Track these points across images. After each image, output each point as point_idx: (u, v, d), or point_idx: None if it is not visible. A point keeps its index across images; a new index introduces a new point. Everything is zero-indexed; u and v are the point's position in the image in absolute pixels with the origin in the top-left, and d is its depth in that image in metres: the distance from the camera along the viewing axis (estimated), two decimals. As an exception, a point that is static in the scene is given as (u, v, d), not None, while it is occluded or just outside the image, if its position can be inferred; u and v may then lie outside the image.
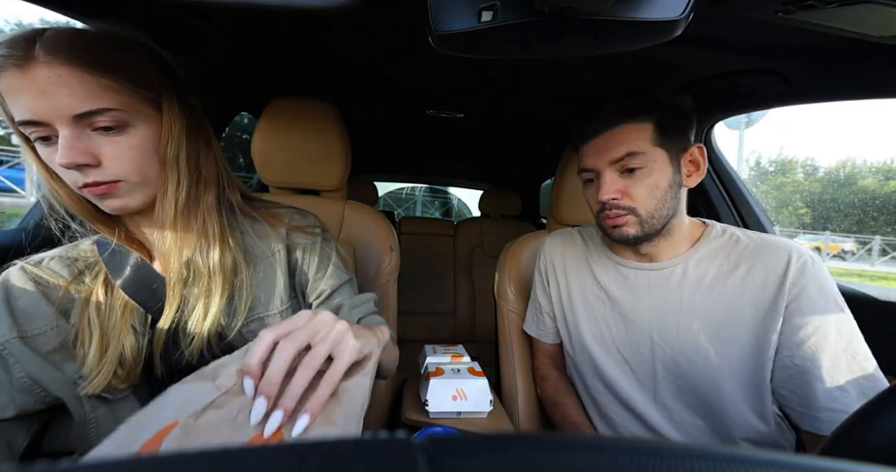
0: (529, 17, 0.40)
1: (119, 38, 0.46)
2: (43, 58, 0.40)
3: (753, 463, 0.16)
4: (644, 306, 0.69)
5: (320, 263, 0.62)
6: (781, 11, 0.49)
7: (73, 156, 0.42)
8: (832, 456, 0.28)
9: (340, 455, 0.15)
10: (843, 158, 31.27)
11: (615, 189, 0.63)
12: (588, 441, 0.18)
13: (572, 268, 0.80)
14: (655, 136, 0.62)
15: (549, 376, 0.85)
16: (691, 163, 0.65)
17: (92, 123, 0.43)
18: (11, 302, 0.48)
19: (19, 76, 0.40)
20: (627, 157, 0.62)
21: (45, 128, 0.42)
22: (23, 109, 0.41)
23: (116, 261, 0.53)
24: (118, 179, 0.46)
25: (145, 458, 0.15)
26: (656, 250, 0.69)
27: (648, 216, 0.63)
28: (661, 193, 0.62)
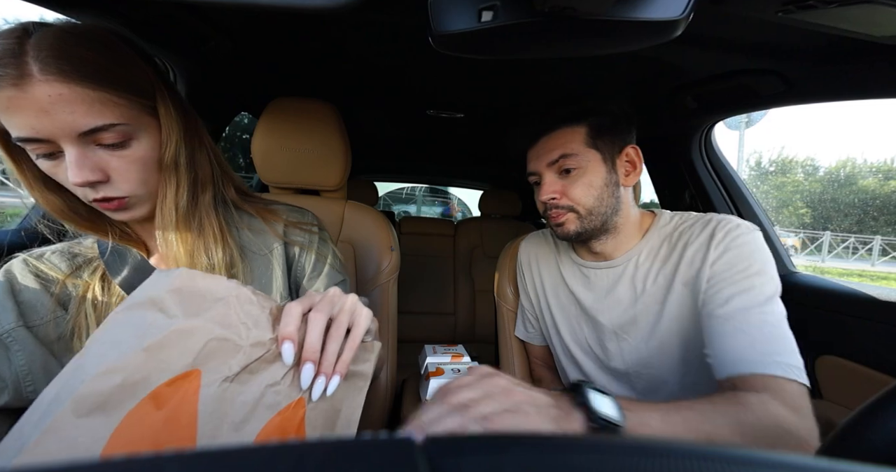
0: (529, 18, 0.40)
1: (106, 37, 0.44)
2: (39, 75, 0.39)
3: (754, 463, 0.16)
4: (605, 304, 0.72)
5: (317, 261, 0.62)
6: (781, 11, 0.49)
7: (84, 174, 0.42)
8: (832, 456, 0.28)
9: (340, 455, 0.15)
10: (843, 158, 31.24)
11: (553, 190, 0.68)
12: (588, 441, 0.18)
13: (545, 270, 0.83)
14: (588, 138, 0.67)
15: (544, 377, 0.86)
16: (628, 163, 0.69)
17: (97, 139, 0.43)
18: (15, 292, 0.48)
19: (17, 95, 0.39)
20: (562, 158, 0.67)
21: (47, 145, 0.41)
22: (23, 126, 0.40)
23: (116, 260, 0.53)
24: (127, 195, 0.46)
25: (145, 458, 0.15)
26: (607, 248, 0.72)
27: (587, 213, 0.67)
28: (596, 191, 0.66)
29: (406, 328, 1.32)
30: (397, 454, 0.16)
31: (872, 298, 0.84)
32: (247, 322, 0.35)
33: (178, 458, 0.15)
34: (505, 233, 2.01)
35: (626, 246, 0.71)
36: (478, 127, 1.46)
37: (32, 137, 0.40)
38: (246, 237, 0.58)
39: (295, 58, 0.91)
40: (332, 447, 0.16)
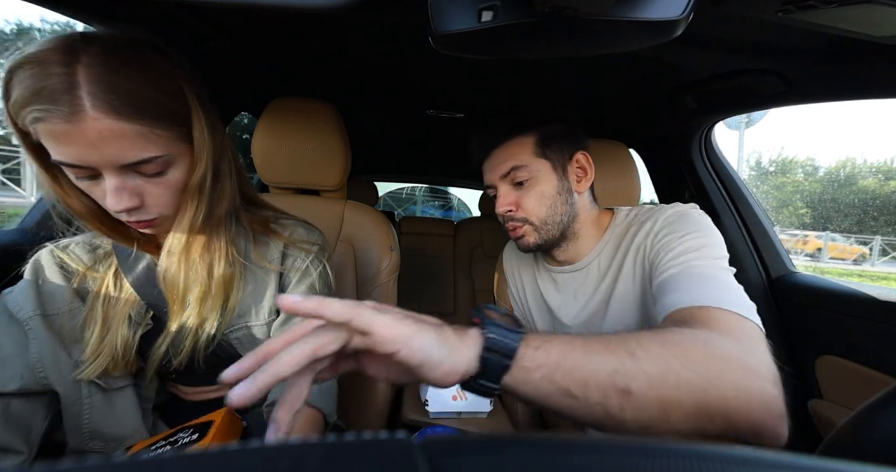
0: (529, 18, 0.40)
1: (150, 59, 0.44)
2: (91, 111, 0.39)
3: (754, 463, 0.16)
4: (573, 307, 0.72)
5: (301, 278, 0.62)
6: (781, 11, 0.49)
7: (123, 202, 0.44)
8: (832, 456, 0.28)
9: (340, 455, 0.15)
10: (843, 158, 31.26)
11: (508, 202, 0.68)
12: (588, 442, 0.18)
13: (526, 275, 0.83)
14: (537, 147, 0.67)
15: None
16: (579, 169, 0.69)
17: (137, 169, 0.44)
18: (39, 282, 0.52)
19: (69, 129, 0.39)
20: (513, 170, 0.67)
21: (89, 171, 0.43)
22: (69, 155, 0.41)
23: (129, 257, 0.55)
24: (158, 216, 0.49)
25: (145, 458, 0.15)
26: (570, 254, 0.72)
27: (542, 224, 0.67)
28: (549, 200, 0.67)
29: (406, 328, 1.32)
30: (397, 454, 0.16)
31: (872, 298, 0.84)
32: None
33: (179, 458, 0.15)
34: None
35: (587, 248, 0.71)
36: (478, 127, 1.46)
37: (77, 165, 0.42)
38: (248, 250, 0.59)
39: (295, 58, 0.90)
40: (332, 447, 0.16)
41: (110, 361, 0.52)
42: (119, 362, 0.52)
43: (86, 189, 0.45)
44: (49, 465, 0.14)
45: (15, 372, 0.48)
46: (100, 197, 0.45)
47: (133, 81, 0.42)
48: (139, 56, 0.43)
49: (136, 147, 0.43)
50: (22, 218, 0.77)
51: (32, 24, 19.74)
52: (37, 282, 0.51)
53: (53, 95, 0.38)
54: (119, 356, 0.52)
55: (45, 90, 0.38)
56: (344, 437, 0.16)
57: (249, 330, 0.58)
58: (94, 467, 0.14)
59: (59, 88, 0.38)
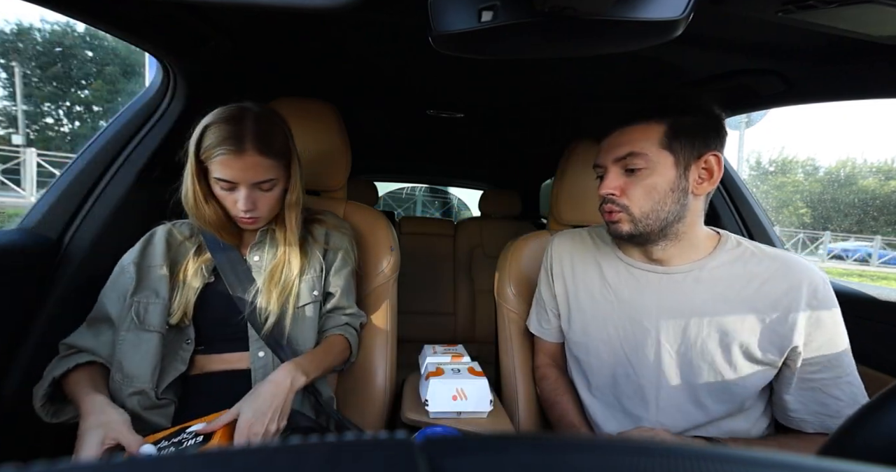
0: (529, 18, 0.40)
1: (280, 122, 0.74)
2: (251, 150, 0.67)
3: (754, 463, 0.16)
4: (652, 307, 0.69)
5: (342, 263, 0.83)
6: (781, 11, 0.49)
7: (249, 205, 0.70)
8: (832, 456, 0.28)
9: (340, 455, 0.15)
10: (843, 158, 31.26)
11: (614, 186, 0.66)
12: (588, 441, 0.18)
13: (580, 267, 0.80)
14: (664, 138, 0.62)
15: (548, 375, 0.85)
16: (705, 170, 0.64)
17: (259, 186, 0.70)
18: (147, 243, 0.75)
19: (234, 159, 0.67)
20: (629, 156, 0.64)
21: (232, 184, 0.69)
22: (227, 173, 0.67)
23: (217, 243, 0.77)
24: (261, 216, 0.73)
25: (145, 458, 0.15)
26: (667, 255, 0.69)
27: (642, 216, 0.64)
28: (658, 195, 0.63)
29: (406, 328, 1.32)
30: (397, 454, 0.16)
31: (872, 298, 0.84)
32: None
33: (179, 458, 0.15)
34: (505, 233, 2.00)
35: (689, 257, 0.68)
36: (478, 127, 1.46)
37: (229, 180, 0.68)
38: (308, 239, 0.82)
39: (295, 58, 0.90)
40: (332, 447, 0.16)
41: (179, 310, 0.71)
42: (186, 310, 0.71)
43: (220, 195, 0.70)
44: (49, 465, 0.14)
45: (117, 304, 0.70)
46: (229, 201, 0.70)
47: (274, 135, 0.71)
48: (273, 118, 0.73)
49: (265, 173, 0.69)
50: (22, 218, 0.77)
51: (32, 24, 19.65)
52: (146, 242, 0.75)
53: (232, 141, 0.66)
54: (189, 305, 0.72)
55: (228, 138, 0.66)
56: (344, 437, 0.16)
57: (302, 311, 0.77)
58: (95, 467, 0.14)
59: (234, 135, 0.67)
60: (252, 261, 0.78)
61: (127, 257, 0.73)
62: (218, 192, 0.70)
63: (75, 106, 20.15)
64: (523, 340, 0.93)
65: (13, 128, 15.66)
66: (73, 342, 0.67)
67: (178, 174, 0.91)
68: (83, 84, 20.30)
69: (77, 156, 0.82)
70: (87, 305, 0.76)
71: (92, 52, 20.31)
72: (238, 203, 0.69)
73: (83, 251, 0.78)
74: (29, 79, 18.78)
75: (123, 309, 0.69)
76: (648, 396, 0.69)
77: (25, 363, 0.70)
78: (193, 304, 0.72)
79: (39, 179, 8.62)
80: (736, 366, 0.63)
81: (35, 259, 0.73)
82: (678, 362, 0.67)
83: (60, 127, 19.70)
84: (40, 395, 0.63)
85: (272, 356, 0.73)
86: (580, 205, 0.96)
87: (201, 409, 0.66)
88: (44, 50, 19.13)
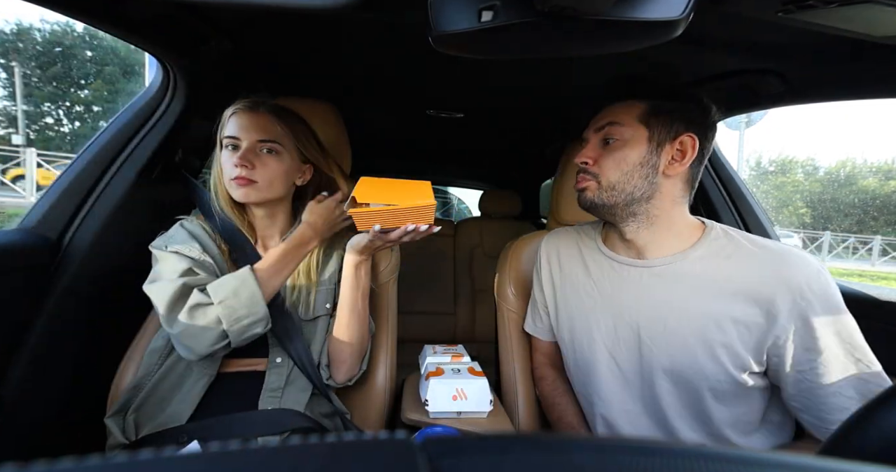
0: (529, 17, 0.40)
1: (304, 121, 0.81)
2: (264, 110, 0.74)
3: (753, 463, 0.16)
4: (633, 301, 0.69)
5: None
6: (781, 11, 0.49)
7: (244, 161, 0.70)
8: (832, 456, 0.28)
9: (340, 455, 0.15)
10: (843, 158, 31.25)
11: (588, 155, 0.68)
12: (588, 442, 0.18)
13: (567, 263, 0.80)
14: (643, 113, 0.65)
15: (546, 375, 0.85)
16: (679, 151, 0.64)
17: (263, 144, 0.73)
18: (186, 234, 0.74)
19: (245, 114, 0.73)
20: (608, 126, 0.66)
21: (237, 141, 0.72)
22: (233, 129, 0.72)
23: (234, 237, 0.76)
24: (257, 182, 0.72)
25: (145, 458, 0.15)
26: (642, 241, 0.68)
27: (608, 186, 0.66)
28: (627, 166, 0.64)
29: (406, 328, 1.32)
30: (397, 453, 0.16)
31: (872, 298, 0.84)
32: None
33: (179, 458, 0.15)
34: (505, 233, 2.00)
35: (670, 248, 0.67)
36: (478, 127, 1.46)
37: (234, 136, 0.72)
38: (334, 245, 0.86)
39: (295, 58, 0.90)
40: (332, 447, 0.16)
41: None
42: None
43: (225, 161, 0.72)
44: (49, 465, 0.14)
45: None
46: (230, 165, 0.71)
47: (290, 113, 0.78)
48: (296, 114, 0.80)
49: (272, 132, 0.73)
50: (22, 218, 0.77)
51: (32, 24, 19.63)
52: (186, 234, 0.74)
53: (248, 101, 0.75)
54: None
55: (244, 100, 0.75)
56: (344, 437, 0.16)
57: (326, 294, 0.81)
58: (95, 466, 0.14)
59: (252, 100, 0.75)
60: None
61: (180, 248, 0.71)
62: (221, 158, 0.73)
63: (75, 106, 20.14)
64: (523, 340, 0.93)
65: (13, 128, 15.66)
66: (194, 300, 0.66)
67: (179, 174, 0.91)
68: (83, 84, 20.29)
69: (77, 156, 0.82)
70: (87, 304, 0.76)
71: (92, 52, 20.30)
72: (234, 160, 0.70)
73: (83, 251, 0.77)
74: (29, 79, 18.78)
75: None
76: (634, 392, 0.69)
77: (25, 364, 0.70)
78: None
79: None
80: (721, 363, 0.61)
81: (35, 259, 0.73)
82: (661, 357, 0.66)
83: (60, 127, 19.69)
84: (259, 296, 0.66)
85: (289, 362, 0.74)
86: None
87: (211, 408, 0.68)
88: (44, 50, 19.12)
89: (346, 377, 0.78)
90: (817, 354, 0.57)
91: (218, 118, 0.75)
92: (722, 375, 0.62)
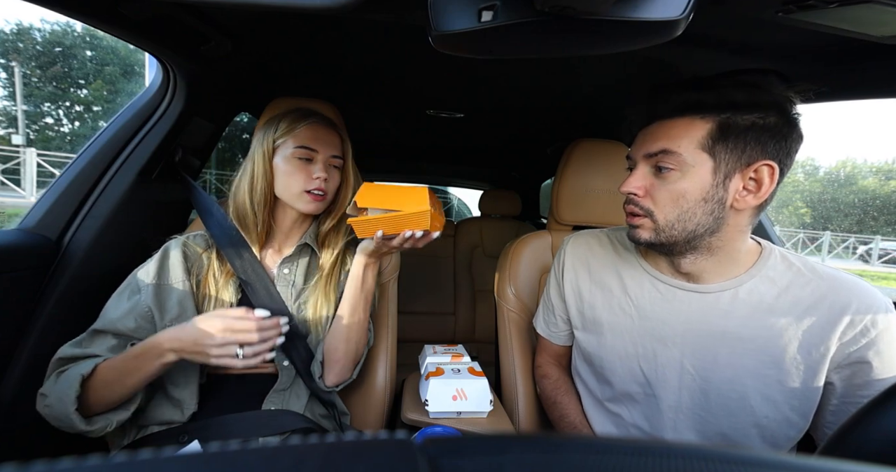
0: (529, 17, 0.40)
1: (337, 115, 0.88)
2: (334, 126, 0.78)
3: (753, 464, 0.16)
4: (679, 328, 0.62)
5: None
6: (781, 11, 0.49)
7: (326, 174, 0.74)
8: (832, 456, 0.28)
9: (340, 455, 0.15)
10: (843, 158, 31.25)
11: (637, 185, 0.59)
12: (588, 442, 0.18)
13: (598, 275, 0.73)
14: (708, 139, 0.54)
15: (550, 374, 0.84)
16: (753, 180, 0.54)
17: (333, 159, 0.76)
18: (163, 260, 0.71)
19: (322, 128, 0.76)
20: (662, 154, 0.56)
21: (312, 153, 0.74)
22: (311, 141, 0.73)
23: (233, 249, 0.74)
24: (327, 194, 0.76)
25: (145, 458, 0.15)
26: (697, 270, 0.61)
27: (666, 225, 0.57)
28: (687, 204, 0.55)
29: (406, 328, 1.32)
30: (397, 454, 0.16)
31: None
32: None
33: (179, 458, 0.15)
34: (505, 233, 2.00)
35: (725, 274, 0.60)
36: (477, 127, 1.46)
37: (311, 147, 0.74)
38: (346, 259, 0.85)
39: (295, 58, 0.90)
40: (332, 447, 0.16)
41: None
42: None
43: (291, 172, 0.72)
44: (49, 465, 0.14)
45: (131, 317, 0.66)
46: (305, 175, 0.73)
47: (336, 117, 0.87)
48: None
49: (341, 148, 0.78)
50: (22, 218, 0.77)
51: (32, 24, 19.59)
52: (161, 259, 0.71)
53: (320, 116, 0.78)
54: None
55: (315, 115, 0.77)
56: (344, 437, 0.16)
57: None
58: (95, 466, 0.14)
59: (322, 115, 0.79)
60: (281, 273, 0.77)
61: (143, 275, 0.69)
62: (288, 167, 0.72)
63: (75, 106, 20.14)
64: (523, 340, 0.93)
65: (13, 128, 15.67)
66: (74, 354, 0.63)
67: (178, 174, 0.90)
68: (83, 84, 20.30)
69: (77, 156, 0.82)
70: (86, 305, 0.76)
71: (92, 52, 20.30)
72: (314, 173, 0.72)
73: (83, 251, 0.77)
74: (29, 79, 18.78)
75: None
76: (665, 419, 0.65)
77: (25, 364, 0.70)
78: None
79: (40, 179, 8.62)
80: (771, 400, 0.57)
81: (35, 259, 0.73)
82: (703, 388, 0.61)
83: (60, 127, 19.69)
84: (73, 399, 0.57)
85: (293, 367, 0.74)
86: (580, 205, 0.96)
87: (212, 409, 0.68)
88: (44, 50, 19.12)
89: (336, 381, 0.76)
90: (868, 390, 0.54)
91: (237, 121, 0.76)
92: (772, 412, 0.58)
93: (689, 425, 0.64)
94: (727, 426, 0.61)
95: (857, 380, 0.55)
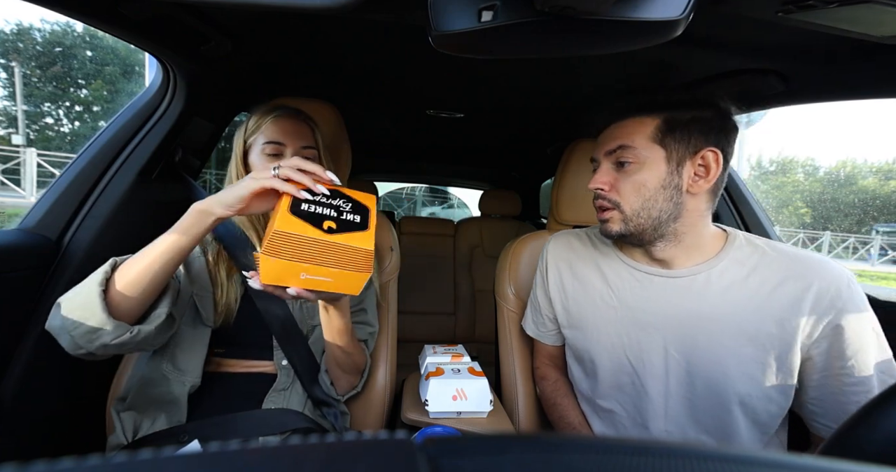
0: (529, 17, 0.40)
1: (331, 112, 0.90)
2: (303, 117, 0.76)
3: (753, 463, 0.16)
4: (659, 314, 0.66)
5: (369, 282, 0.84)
6: (781, 11, 0.49)
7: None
8: (832, 456, 0.28)
9: (340, 455, 0.15)
10: (843, 158, 31.28)
11: (603, 180, 0.65)
12: (588, 442, 0.18)
13: (580, 270, 0.77)
14: (657, 133, 0.61)
15: (548, 376, 0.85)
16: (701, 166, 0.61)
17: (303, 150, 0.73)
18: None
19: (287, 120, 0.73)
20: (620, 149, 0.63)
21: (280, 147, 0.72)
22: (277, 134, 0.72)
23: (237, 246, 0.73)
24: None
25: (145, 458, 0.15)
26: (669, 256, 0.66)
27: (633, 214, 0.63)
28: (648, 192, 0.61)
29: (406, 328, 1.32)
30: (397, 453, 0.16)
31: (872, 298, 0.84)
32: None
33: (179, 458, 0.15)
34: (505, 233, 2.00)
35: (695, 259, 0.65)
36: (477, 127, 1.46)
37: (278, 141, 0.72)
38: None
39: (295, 58, 0.90)
40: (332, 447, 0.16)
41: (223, 313, 0.70)
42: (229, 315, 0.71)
43: (262, 167, 0.66)
44: (49, 465, 0.14)
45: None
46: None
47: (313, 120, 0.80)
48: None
49: (311, 139, 0.75)
50: (22, 218, 0.77)
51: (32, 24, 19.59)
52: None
53: (286, 108, 0.76)
54: (231, 312, 0.71)
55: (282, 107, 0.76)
56: (344, 437, 0.16)
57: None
58: (95, 466, 0.14)
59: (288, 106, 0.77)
60: None
61: None
62: (260, 165, 0.71)
63: (75, 106, 20.15)
64: (523, 340, 0.93)
65: (13, 128, 15.67)
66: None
67: (178, 174, 0.90)
68: (83, 84, 20.30)
69: (77, 156, 0.82)
70: (87, 305, 0.75)
71: (92, 52, 20.31)
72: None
73: (83, 251, 0.77)
74: (29, 79, 18.78)
75: (182, 299, 0.65)
76: (656, 406, 0.67)
77: (25, 364, 0.70)
78: (235, 311, 0.72)
79: (40, 179, 8.62)
80: (752, 376, 0.60)
81: (35, 259, 0.73)
82: (688, 370, 0.64)
83: (60, 127, 19.70)
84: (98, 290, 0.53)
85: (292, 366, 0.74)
86: (580, 205, 0.96)
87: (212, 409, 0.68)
88: (44, 50, 19.12)
89: (345, 391, 0.77)
90: (845, 360, 0.57)
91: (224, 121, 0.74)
92: (754, 390, 0.61)
93: (680, 410, 0.66)
94: (714, 406, 0.63)
95: (833, 351, 0.58)
